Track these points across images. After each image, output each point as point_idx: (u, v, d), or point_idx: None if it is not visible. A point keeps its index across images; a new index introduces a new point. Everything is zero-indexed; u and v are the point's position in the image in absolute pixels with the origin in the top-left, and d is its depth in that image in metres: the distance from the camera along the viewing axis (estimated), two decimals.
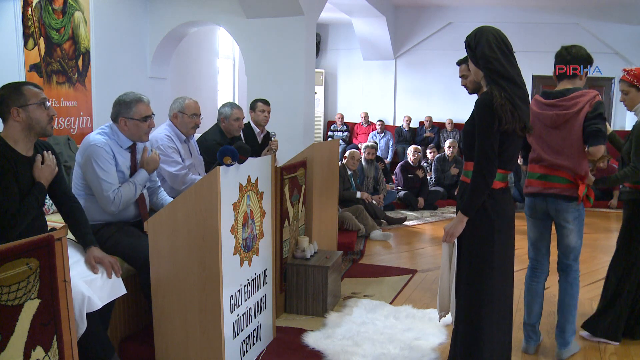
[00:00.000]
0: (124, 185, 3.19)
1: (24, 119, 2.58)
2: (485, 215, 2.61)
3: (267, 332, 3.43)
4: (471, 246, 2.66)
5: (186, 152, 4.13)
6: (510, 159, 2.65)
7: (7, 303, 1.80)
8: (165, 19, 7.93)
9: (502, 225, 2.64)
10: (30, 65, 6.02)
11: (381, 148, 11.46)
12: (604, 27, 11.25)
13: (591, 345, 3.59)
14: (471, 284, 2.67)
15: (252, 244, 3.14)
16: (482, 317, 2.66)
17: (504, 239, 2.67)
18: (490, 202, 2.60)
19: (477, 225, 2.62)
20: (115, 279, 2.74)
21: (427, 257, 5.74)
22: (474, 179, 2.57)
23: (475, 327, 2.67)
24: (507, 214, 2.68)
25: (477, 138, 2.55)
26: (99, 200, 3.15)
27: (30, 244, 1.88)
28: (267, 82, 7.35)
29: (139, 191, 3.28)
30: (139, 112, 3.24)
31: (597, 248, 6.30)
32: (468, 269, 2.68)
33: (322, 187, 4.72)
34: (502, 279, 2.71)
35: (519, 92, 2.56)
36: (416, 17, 12.37)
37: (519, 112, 2.52)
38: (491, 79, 2.56)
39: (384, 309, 4.06)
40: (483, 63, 2.58)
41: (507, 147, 2.59)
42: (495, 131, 2.51)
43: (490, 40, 2.57)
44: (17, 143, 2.61)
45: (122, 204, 3.18)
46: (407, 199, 8.24)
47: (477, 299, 2.66)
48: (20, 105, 2.57)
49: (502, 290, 2.72)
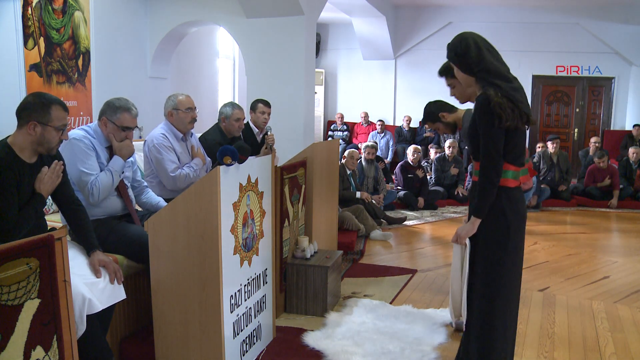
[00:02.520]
0: (100, 175, 3.20)
1: (37, 134, 2.59)
2: (502, 215, 2.64)
3: (267, 332, 3.43)
4: (487, 245, 2.68)
5: (184, 150, 4.13)
6: (519, 155, 2.67)
7: (7, 303, 1.80)
8: (165, 18, 7.93)
9: (517, 224, 2.67)
10: (30, 65, 6.02)
11: (381, 148, 11.46)
12: (604, 27, 11.24)
13: (591, 345, 3.59)
14: (488, 283, 2.69)
15: (252, 243, 3.14)
16: (497, 316, 2.68)
17: (518, 238, 2.70)
18: (507, 202, 2.63)
19: (494, 224, 2.65)
20: (116, 284, 2.76)
21: (427, 257, 5.74)
22: (481, 180, 2.60)
23: (490, 326, 2.69)
24: (521, 213, 2.71)
25: (481, 140, 2.57)
26: (81, 192, 3.17)
27: (30, 244, 1.88)
28: (267, 82, 7.35)
29: (116, 179, 3.28)
30: (121, 120, 3.27)
31: (597, 248, 6.30)
32: (484, 268, 2.69)
33: (322, 187, 4.72)
34: (515, 277, 2.74)
35: (514, 86, 2.58)
36: (416, 16, 12.37)
37: (519, 107, 2.54)
38: (485, 81, 2.58)
39: (384, 309, 4.06)
40: (477, 66, 2.60)
41: (514, 143, 2.62)
42: (497, 130, 2.52)
43: (477, 42, 2.62)
44: (22, 151, 2.62)
45: (101, 194, 3.19)
46: (407, 198, 8.24)
47: (493, 298, 2.68)
48: (41, 122, 2.58)
49: (515, 288, 2.75)
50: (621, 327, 3.90)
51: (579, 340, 3.66)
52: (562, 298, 4.44)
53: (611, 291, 4.67)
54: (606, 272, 5.25)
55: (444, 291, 4.56)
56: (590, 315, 4.11)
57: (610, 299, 4.46)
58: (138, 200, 3.71)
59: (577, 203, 8.96)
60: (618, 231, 7.46)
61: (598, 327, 3.89)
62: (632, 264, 5.55)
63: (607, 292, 4.63)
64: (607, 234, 7.24)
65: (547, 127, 12.18)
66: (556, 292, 4.56)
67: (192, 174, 4.02)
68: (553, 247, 6.14)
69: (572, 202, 8.92)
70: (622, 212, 8.61)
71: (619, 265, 5.51)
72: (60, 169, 2.76)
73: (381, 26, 11.65)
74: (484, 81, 2.59)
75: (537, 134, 12.11)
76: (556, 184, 8.91)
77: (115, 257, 3.05)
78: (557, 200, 8.86)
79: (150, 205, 3.69)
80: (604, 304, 4.34)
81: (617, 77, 11.60)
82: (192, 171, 4.03)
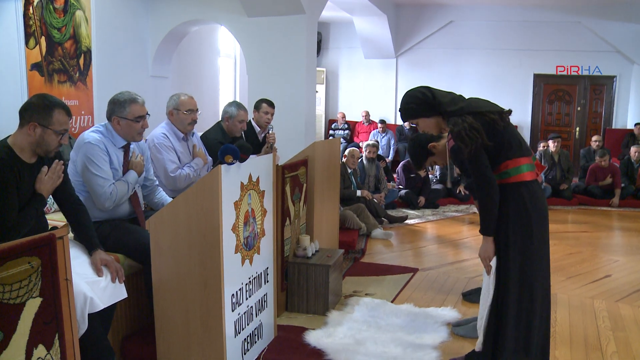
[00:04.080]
0: (117, 182, 3.21)
1: (37, 136, 2.59)
2: (524, 209, 2.72)
3: (268, 331, 3.43)
4: (514, 241, 2.74)
5: (185, 150, 4.13)
6: (519, 145, 2.78)
7: (9, 301, 1.81)
8: (166, 17, 7.93)
9: (538, 217, 2.75)
10: (31, 64, 6.03)
11: (382, 147, 11.45)
12: (606, 25, 11.21)
13: (593, 344, 3.59)
14: (523, 280, 2.75)
15: (254, 242, 3.14)
16: (534, 308, 2.75)
17: (541, 232, 2.77)
18: (527, 195, 2.72)
19: (517, 220, 2.73)
20: (117, 283, 2.76)
21: (428, 256, 5.74)
22: (480, 199, 2.73)
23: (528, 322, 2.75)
24: (541, 207, 2.77)
25: (467, 164, 2.73)
26: (94, 196, 3.17)
27: (32, 243, 1.88)
28: (269, 81, 7.35)
29: (131, 190, 3.31)
30: (132, 112, 3.25)
31: (599, 247, 6.30)
32: (517, 262, 2.74)
33: (323, 186, 4.72)
34: (546, 268, 2.82)
35: (469, 100, 2.82)
36: (417, 15, 12.35)
37: (482, 118, 2.69)
38: (448, 113, 2.78)
39: (385, 308, 4.05)
40: (442, 107, 2.80)
41: (505, 139, 2.74)
42: (478, 151, 2.67)
43: (422, 90, 2.88)
44: (22, 151, 2.62)
45: (116, 201, 3.21)
46: (408, 197, 8.23)
47: (532, 283, 2.75)
48: (41, 124, 2.58)
49: (547, 280, 2.84)
50: (623, 325, 3.90)
51: (581, 339, 3.66)
52: (564, 297, 4.44)
53: (613, 290, 4.66)
54: (608, 270, 5.25)
55: (445, 290, 4.56)
56: (592, 314, 4.10)
57: (611, 297, 4.46)
58: (150, 200, 3.70)
59: (578, 202, 8.95)
60: (620, 230, 7.45)
61: (600, 325, 3.89)
62: (634, 262, 5.55)
63: (609, 291, 4.63)
64: (608, 233, 7.23)
65: (548, 126, 12.16)
66: (557, 290, 4.56)
67: (193, 174, 4.02)
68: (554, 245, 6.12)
69: (574, 201, 8.91)
70: (624, 211, 8.60)
71: (621, 264, 5.51)
72: (60, 169, 2.76)
73: (382, 25, 11.64)
74: (447, 114, 2.78)
75: (539, 132, 12.10)
76: (557, 183, 8.91)
77: (116, 256, 3.06)
78: (559, 199, 8.85)
79: (162, 205, 3.66)
80: (605, 302, 4.34)
81: (619, 75, 11.57)
82: (192, 171, 4.02)
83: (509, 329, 2.77)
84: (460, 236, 6.67)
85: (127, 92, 3.32)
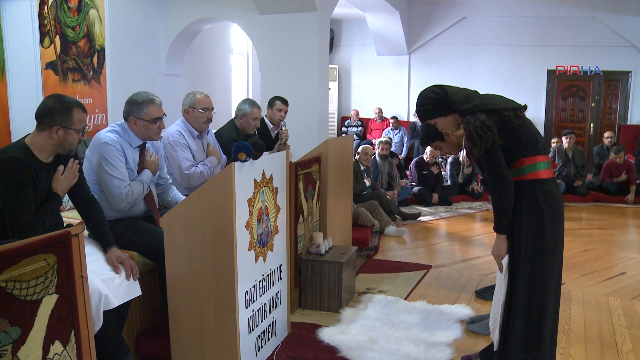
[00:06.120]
0: (133, 183, 3.22)
1: (59, 138, 2.62)
2: (538, 209, 2.69)
3: (282, 328, 3.44)
4: (526, 240, 2.72)
5: (199, 148, 4.14)
6: (536, 142, 2.74)
7: (26, 298, 1.82)
8: (179, 16, 7.97)
9: (553, 218, 2.72)
10: (46, 63, 6.08)
11: (395, 144, 11.43)
12: (621, 20, 11.07)
13: (608, 341, 3.56)
14: (533, 279, 2.72)
15: (267, 239, 3.15)
16: (546, 307, 2.73)
17: (556, 233, 2.74)
18: (542, 194, 2.69)
19: (531, 219, 2.70)
20: (132, 281, 2.78)
21: (441, 253, 5.72)
22: (494, 197, 2.72)
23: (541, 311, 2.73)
24: (557, 207, 2.74)
25: (483, 162, 2.71)
26: (110, 197, 3.18)
27: (47, 240, 1.90)
28: (281, 78, 7.36)
29: (146, 189, 3.32)
30: (149, 114, 3.25)
31: (614, 244, 6.24)
32: (527, 262, 2.73)
33: (336, 183, 4.72)
34: (558, 264, 2.79)
35: (484, 97, 2.78)
36: (430, 11, 12.30)
37: (495, 115, 2.66)
38: (461, 112, 2.76)
39: (398, 305, 4.05)
40: (456, 105, 2.78)
41: (521, 137, 2.70)
42: (491, 149, 2.64)
43: (435, 90, 2.85)
44: (41, 152, 2.64)
45: (131, 202, 3.22)
46: (421, 194, 8.21)
47: (543, 284, 2.72)
48: (64, 126, 2.61)
49: (558, 278, 2.81)
50: (638, 323, 3.86)
51: (596, 336, 3.63)
52: (578, 294, 4.40)
53: (628, 287, 4.62)
54: (622, 268, 5.20)
55: (458, 287, 4.55)
56: (607, 311, 4.07)
57: (627, 295, 4.42)
58: (164, 198, 3.71)
59: (592, 198, 8.88)
60: (635, 227, 7.38)
61: (615, 323, 3.86)
62: None
63: (624, 289, 4.59)
64: (623, 230, 7.16)
65: (562, 122, 12.06)
66: (572, 288, 4.53)
67: (207, 171, 4.03)
68: (569, 242, 6.09)
69: (588, 198, 8.84)
70: (639, 208, 8.52)
71: (636, 261, 5.45)
72: (76, 168, 2.78)
73: (395, 21, 11.61)
74: (461, 114, 2.76)
75: (552, 129, 11.99)
76: (571, 180, 8.84)
77: (131, 253, 3.08)
78: (573, 195, 8.78)
79: (176, 203, 3.67)
80: (620, 300, 4.30)
81: (634, 70, 11.44)
82: (206, 169, 4.04)
83: (520, 327, 2.75)
84: (473, 233, 6.65)
85: (145, 93, 3.32)
